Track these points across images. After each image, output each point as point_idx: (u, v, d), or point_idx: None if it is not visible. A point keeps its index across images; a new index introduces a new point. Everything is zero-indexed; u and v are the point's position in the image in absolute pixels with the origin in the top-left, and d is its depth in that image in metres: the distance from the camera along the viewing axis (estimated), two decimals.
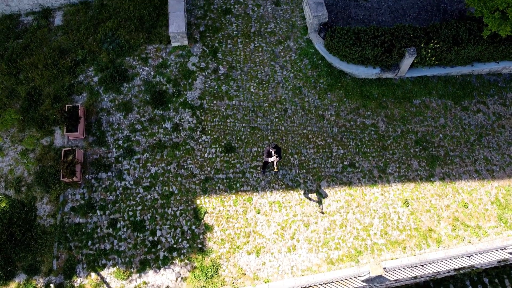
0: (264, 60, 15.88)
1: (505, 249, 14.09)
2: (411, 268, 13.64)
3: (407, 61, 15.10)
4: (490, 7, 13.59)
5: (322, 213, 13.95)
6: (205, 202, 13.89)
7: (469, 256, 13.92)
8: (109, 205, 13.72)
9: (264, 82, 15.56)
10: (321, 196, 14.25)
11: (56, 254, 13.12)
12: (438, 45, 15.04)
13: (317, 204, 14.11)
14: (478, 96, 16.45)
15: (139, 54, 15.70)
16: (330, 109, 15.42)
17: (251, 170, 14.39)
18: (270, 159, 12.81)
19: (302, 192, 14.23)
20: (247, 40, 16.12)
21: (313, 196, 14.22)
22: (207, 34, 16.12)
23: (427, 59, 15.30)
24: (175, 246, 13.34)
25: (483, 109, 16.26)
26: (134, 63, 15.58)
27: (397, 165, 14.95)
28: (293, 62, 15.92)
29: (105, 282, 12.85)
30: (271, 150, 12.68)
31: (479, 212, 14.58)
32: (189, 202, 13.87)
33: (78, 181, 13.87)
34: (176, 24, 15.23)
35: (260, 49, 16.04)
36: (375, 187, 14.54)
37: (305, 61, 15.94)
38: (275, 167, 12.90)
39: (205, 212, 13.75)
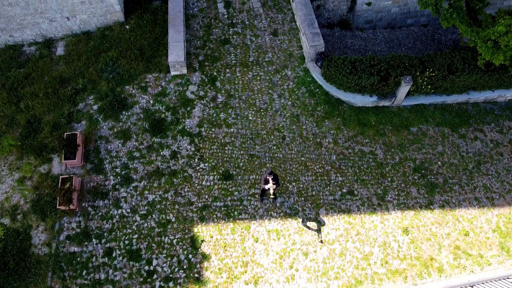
0: (262, 88, 16.08)
1: (508, 278, 13.79)
2: None
3: (403, 89, 15.28)
4: (483, 37, 13.89)
5: (321, 242, 13.74)
6: (202, 231, 13.72)
7: (471, 286, 13.60)
8: (105, 234, 13.53)
9: (262, 110, 15.69)
10: (320, 224, 14.08)
11: (49, 284, 12.82)
12: (434, 74, 15.27)
13: (316, 232, 13.93)
14: (475, 123, 16.55)
15: (138, 83, 15.91)
16: (328, 136, 15.48)
17: (249, 197, 14.29)
18: (266, 186, 12.75)
19: (300, 220, 14.08)
20: (245, 69, 16.38)
21: (312, 224, 14.06)
22: (206, 64, 16.39)
23: (423, 87, 15.50)
24: (171, 275, 13.07)
25: (480, 137, 16.32)
26: (133, 91, 15.77)
27: (396, 193, 14.86)
28: (290, 91, 16.11)
29: None
30: (267, 177, 12.65)
31: (480, 240, 14.37)
32: (186, 231, 13.69)
33: (75, 209, 13.75)
34: (176, 53, 15.52)
35: (258, 78, 16.27)
36: (374, 215, 14.40)
37: (303, 90, 16.14)
38: (272, 194, 12.82)
39: (203, 241, 13.56)
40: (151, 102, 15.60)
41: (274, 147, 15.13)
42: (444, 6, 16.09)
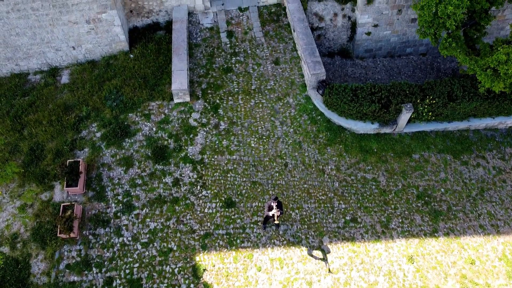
0: (264, 116, 16.20)
1: None
2: None
3: (405, 116, 15.40)
4: (481, 65, 14.11)
5: (330, 271, 13.48)
6: (204, 259, 13.51)
7: None
8: (105, 262, 13.32)
9: (264, 137, 15.76)
10: (324, 252, 13.88)
11: None
12: (434, 101, 15.42)
13: (320, 261, 13.71)
14: (477, 150, 16.58)
15: (142, 110, 16.05)
16: (330, 163, 15.48)
17: (252, 225, 14.15)
18: (271, 213, 12.65)
19: (304, 248, 13.89)
20: (247, 96, 16.55)
21: (316, 252, 13.86)
22: (209, 91, 16.59)
23: (424, 114, 15.62)
24: None
25: (482, 164, 16.31)
26: (136, 119, 15.88)
27: (400, 220, 14.72)
28: (292, 118, 16.22)
29: None
30: (272, 203, 12.58)
31: (487, 269, 14.13)
32: (188, 259, 13.49)
33: (75, 237, 13.59)
34: (179, 81, 15.73)
35: (260, 105, 16.43)
36: (379, 242, 14.21)
37: (305, 117, 16.26)
38: (276, 220, 12.72)
39: (204, 270, 13.33)
40: (154, 129, 15.69)
41: (277, 174, 15.10)
42: (442, 35, 16.45)
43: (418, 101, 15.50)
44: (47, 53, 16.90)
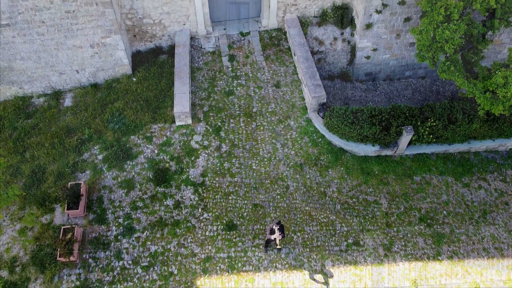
0: (265, 138, 16.29)
1: None
2: None
3: (405, 138, 15.48)
4: (480, 88, 14.28)
5: None
6: (205, 283, 13.33)
7: None
8: (105, 287, 13.14)
9: (265, 160, 15.79)
10: (326, 276, 13.71)
11: None
12: (434, 124, 15.53)
13: (322, 285, 13.52)
14: (478, 172, 16.59)
15: (144, 133, 16.15)
16: (331, 185, 15.46)
17: (253, 248, 14.02)
18: (272, 236, 12.56)
19: (306, 272, 13.72)
20: (249, 119, 16.68)
21: (318, 276, 13.68)
22: (211, 114, 16.72)
23: (424, 136, 15.71)
24: None
25: (484, 186, 16.29)
26: (138, 141, 15.96)
27: (403, 243, 14.60)
28: (293, 140, 16.30)
29: None
30: (274, 227, 12.51)
31: None
32: (189, 283, 13.31)
33: (75, 260, 13.45)
34: (181, 104, 15.89)
35: (261, 128, 16.53)
36: (382, 266, 14.06)
37: (306, 139, 16.34)
38: (278, 244, 12.62)
39: None
40: (156, 151, 15.75)
41: (278, 196, 15.07)
42: (440, 59, 16.70)
43: (419, 123, 15.61)
44: (51, 77, 17.12)
